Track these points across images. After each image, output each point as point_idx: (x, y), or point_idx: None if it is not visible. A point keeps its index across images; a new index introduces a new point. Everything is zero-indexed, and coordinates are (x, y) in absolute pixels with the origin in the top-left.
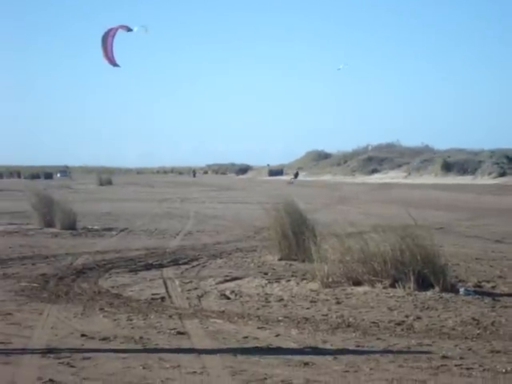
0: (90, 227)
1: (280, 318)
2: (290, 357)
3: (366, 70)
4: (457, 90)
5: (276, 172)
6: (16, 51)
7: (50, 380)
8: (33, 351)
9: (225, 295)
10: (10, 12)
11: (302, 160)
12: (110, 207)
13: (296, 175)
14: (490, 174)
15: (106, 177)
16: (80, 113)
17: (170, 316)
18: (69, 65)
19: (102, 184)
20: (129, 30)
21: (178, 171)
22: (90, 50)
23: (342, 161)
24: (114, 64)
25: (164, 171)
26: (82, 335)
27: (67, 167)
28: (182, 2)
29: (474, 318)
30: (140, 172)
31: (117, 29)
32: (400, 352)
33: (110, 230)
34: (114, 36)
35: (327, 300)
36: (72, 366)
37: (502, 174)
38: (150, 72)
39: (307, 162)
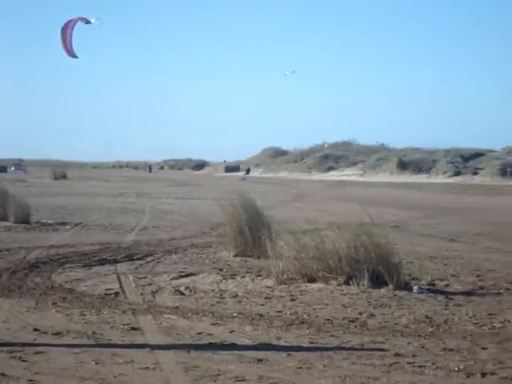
0: (44, 221)
1: (234, 315)
2: (243, 353)
3: (322, 67)
4: (412, 89)
5: (233, 168)
6: None
7: (2, 374)
8: None
9: (179, 291)
10: None
11: (259, 157)
12: (64, 201)
13: (248, 171)
14: (444, 172)
15: (60, 171)
16: (35, 106)
17: (124, 311)
18: (20, 57)
19: (56, 178)
20: (87, 22)
21: (134, 166)
22: (47, 42)
23: (299, 158)
24: (73, 55)
25: (119, 166)
26: (35, 330)
27: (21, 161)
28: None
29: (427, 316)
30: (95, 166)
31: (76, 21)
32: (353, 349)
33: (64, 224)
34: (73, 28)
35: (282, 297)
36: (24, 361)
37: (457, 173)
38: (106, 65)
39: (264, 158)
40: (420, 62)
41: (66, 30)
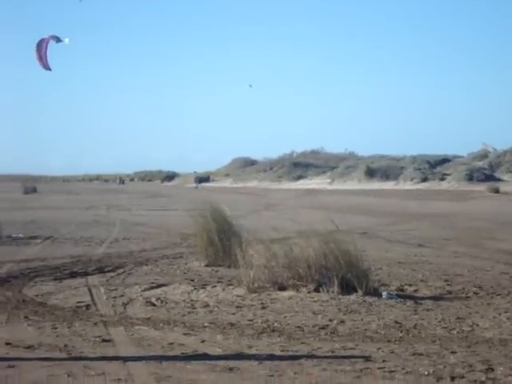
0: (14, 235)
1: (206, 324)
2: (215, 362)
3: (289, 76)
4: (379, 96)
5: (202, 179)
6: None
7: None
8: None
9: (150, 302)
10: None
11: (229, 167)
12: (34, 215)
13: (200, 181)
14: (412, 179)
15: (30, 185)
16: (4, 119)
17: (95, 324)
18: None
19: (26, 192)
20: (58, 40)
21: (104, 178)
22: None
23: (268, 167)
24: (48, 68)
25: (89, 179)
26: (7, 343)
27: None
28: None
29: (396, 321)
30: (66, 180)
31: (48, 39)
32: (324, 356)
33: (34, 238)
34: (47, 43)
35: (253, 305)
36: None
37: (424, 180)
38: (74, 79)
39: (234, 168)
40: (385, 69)
41: (42, 45)
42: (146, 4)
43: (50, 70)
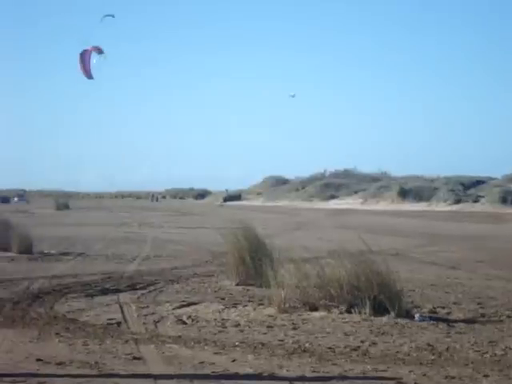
0: (46, 252)
1: (236, 344)
2: (246, 382)
3: (323, 95)
4: (413, 117)
5: (234, 197)
6: None
7: None
8: None
9: (181, 320)
10: None
11: (260, 185)
12: (67, 232)
13: (225, 199)
14: (445, 200)
15: (63, 201)
16: (38, 136)
17: (126, 341)
18: (23, 87)
19: (59, 208)
20: (100, 52)
21: (136, 196)
22: (52, 74)
23: (300, 186)
24: (90, 77)
25: (122, 196)
26: (38, 360)
27: (24, 191)
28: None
29: (428, 344)
30: (98, 196)
31: (91, 50)
32: (355, 377)
33: (66, 254)
34: (90, 54)
35: (284, 325)
36: None
37: (458, 201)
38: (108, 97)
39: (265, 187)
40: (421, 89)
41: (85, 55)
42: (185, 19)
43: (92, 78)
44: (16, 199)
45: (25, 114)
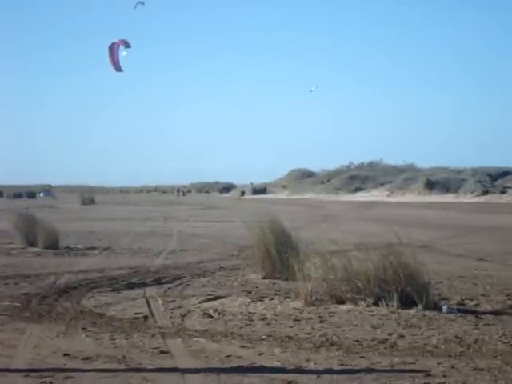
0: (72, 246)
1: (263, 337)
2: (273, 375)
3: (349, 87)
4: (439, 108)
5: (259, 190)
6: None
7: None
8: (15, 371)
9: (208, 314)
10: None
11: (286, 178)
12: (93, 226)
13: (242, 193)
14: (472, 192)
15: (88, 196)
16: (63, 131)
17: (153, 335)
18: (50, 84)
19: (85, 203)
20: (127, 46)
21: (162, 190)
22: (73, 69)
23: (326, 179)
24: (119, 69)
25: (147, 190)
26: (65, 354)
27: (50, 186)
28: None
29: (457, 336)
30: (123, 191)
31: (119, 43)
32: (383, 370)
33: (92, 249)
34: (118, 47)
35: (310, 318)
36: None
37: (485, 193)
38: (133, 92)
39: (291, 180)
40: (447, 80)
41: (113, 48)
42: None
43: (121, 71)
44: (42, 194)
45: (52, 112)
